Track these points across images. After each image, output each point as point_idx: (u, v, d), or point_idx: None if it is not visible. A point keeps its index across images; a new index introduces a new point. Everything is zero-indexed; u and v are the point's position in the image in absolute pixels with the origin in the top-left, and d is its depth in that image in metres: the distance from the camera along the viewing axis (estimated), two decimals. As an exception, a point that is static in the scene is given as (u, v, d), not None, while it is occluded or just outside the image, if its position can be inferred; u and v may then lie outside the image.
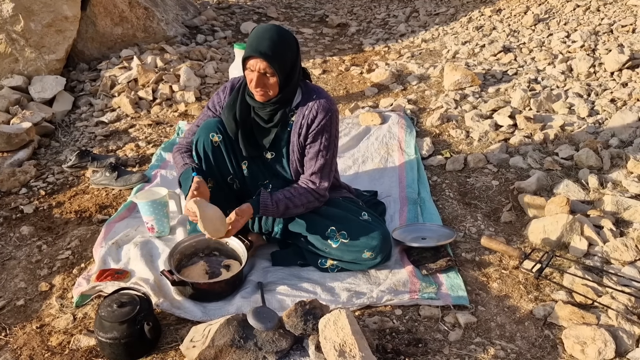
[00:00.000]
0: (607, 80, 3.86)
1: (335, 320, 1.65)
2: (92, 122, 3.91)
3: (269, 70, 1.93)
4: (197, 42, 5.47)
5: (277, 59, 1.93)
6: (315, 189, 2.16)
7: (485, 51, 4.82)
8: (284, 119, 2.13)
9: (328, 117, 2.09)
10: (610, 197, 2.48)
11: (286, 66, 1.98)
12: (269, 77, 1.97)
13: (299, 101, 2.14)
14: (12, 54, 4.16)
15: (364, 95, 4.23)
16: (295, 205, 2.12)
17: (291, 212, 2.14)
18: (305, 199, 2.14)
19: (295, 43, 2.03)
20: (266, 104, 2.08)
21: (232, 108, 2.14)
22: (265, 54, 1.90)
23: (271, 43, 1.91)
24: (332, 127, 2.13)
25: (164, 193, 2.48)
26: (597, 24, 4.93)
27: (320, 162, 2.14)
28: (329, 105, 2.10)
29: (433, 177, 2.96)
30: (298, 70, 2.07)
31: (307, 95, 2.14)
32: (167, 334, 1.92)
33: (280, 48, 1.94)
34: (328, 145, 2.13)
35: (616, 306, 1.88)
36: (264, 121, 2.13)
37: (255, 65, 1.93)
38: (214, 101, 2.26)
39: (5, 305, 2.16)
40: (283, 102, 2.09)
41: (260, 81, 1.96)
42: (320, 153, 2.13)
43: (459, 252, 2.32)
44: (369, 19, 6.65)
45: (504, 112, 3.47)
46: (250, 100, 2.11)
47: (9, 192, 3.06)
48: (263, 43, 1.91)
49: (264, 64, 1.92)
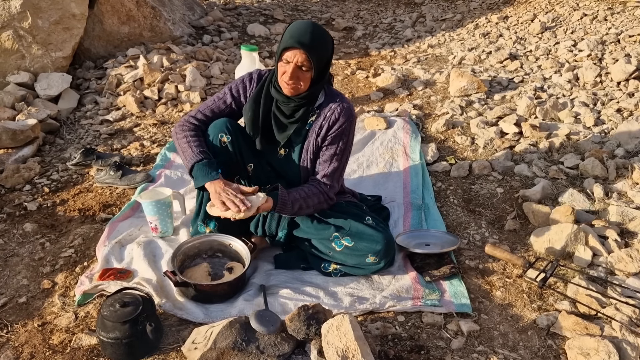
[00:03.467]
0: (614, 89, 3.85)
1: (339, 326, 1.65)
2: (97, 120, 3.91)
3: (306, 63, 1.94)
4: (204, 43, 5.47)
5: (316, 53, 1.93)
6: (327, 191, 2.16)
7: (491, 58, 4.82)
8: (304, 117, 2.13)
9: (349, 122, 2.11)
10: (616, 207, 2.48)
11: (322, 62, 1.99)
12: (304, 72, 1.97)
13: (321, 102, 2.14)
14: (19, 51, 4.16)
15: (370, 99, 4.23)
16: (307, 206, 2.13)
17: (302, 212, 2.14)
18: (317, 200, 2.14)
19: (332, 42, 2.04)
20: (291, 99, 2.07)
21: (256, 99, 2.13)
22: (307, 45, 1.90)
23: (312, 37, 1.92)
24: (350, 133, 2.15)
25: (168, 193, 2.47)
26: (604, 33, 4.92)
27: (334, 165, 2.15)
28: (350, 111, 2.12)
29: (437, 183, 2.95)
30: (329, 69, 2.09)
31: (330, 98, 2.14)
32: (169, 335, 1.91)
33: (320, 43, 1.95)
34: (344, 150, 2.15)
35: (620, 317, 1.87)
36: (285, 116, 2.13)
37: (294, 57, 1.93)
38: (238, 89, 2.20)
39: (7, 302, 2.15)
40: (309, 99, 2.09)
41: (294, 74, 1.96)
42: (335, 157, 2.14)
43: (463, 259, 2.31)
44: (375, 23, 6.65)
45: (509, 120, 3.46)
46: (275, 93, 2.09)
47: (13, 189, 3.06)
48: (305, 36, 1.91)
49: (304, 56, 1.92)
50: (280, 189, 2.08)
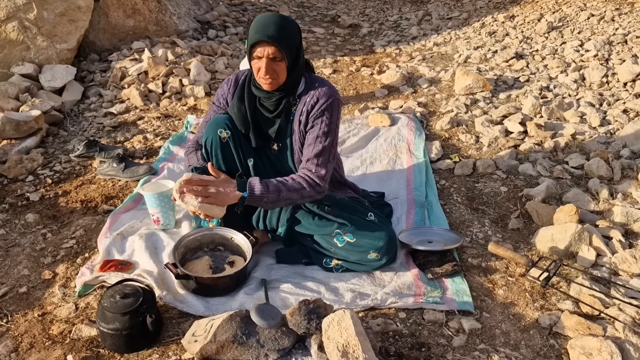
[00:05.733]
0: (620, 90, 3.83)
1: (340, 321, 1.63)
2: (101, 113, 3.91)
3: (278, 54, 1.93)
4: (209, 37, 5.46)
5: (284, 41, 1.92)
6: (311, 175, 2.06)
7: (497, 57, 4.79)
8: (287, 109, 2.12)
9: (329, 102, 2.06)
10: (620, 208, 2.46)
11: (292, 50, 1.98)
12: (278, 62, 1.95)
13: (301, 91, 2.13)
14: (24, 42, 4.16)
15: (374, 96, 4.22)
16: (288, 189, 2.01)
17: (284, 196, 2.01)
18: (299, 185, 2.03)
19: (297, 27, 2.03)
20: (272, 94, 2.07)
21: (241, 98, 2.13)
22: (273, 37, 1.89)
23: (277, 27, 1.91)
24: (332, 112, 2.07)
25: (170, 186, 2.47)
26: (611, 33, 4.89)
27: (318, 147, 2.06)
28: (330, 92, 2.08)
29: (441, 181, 2.94)
30: (302, 55, 2.07)
31: (309, 85, 2.13)
32: (169, 327, 1.91)
33: (286, 31, 1.93)
34: (328, 131, 2.07)
35: (623, 318, 1.86)
36: (269, 111, 2.12)
37: (264, 51, 1.92)
38: (218, 95, 2.26)
39: (8, 292, 2.15)
40: (288, 90, 2.08)
41: (269, 67, 1.95)
42: (318, 139, 2.07)
43: (465, 257, 2.29)
44: (381, 20, 6.63)
45: (514, 119, 3.44)
46: (256, 91, 2.10)
47: (16, 179, 3.06)
48: (269, 28, 1.91)
49: (273, 48, 1.91)
50: (251, 179, 2.00)
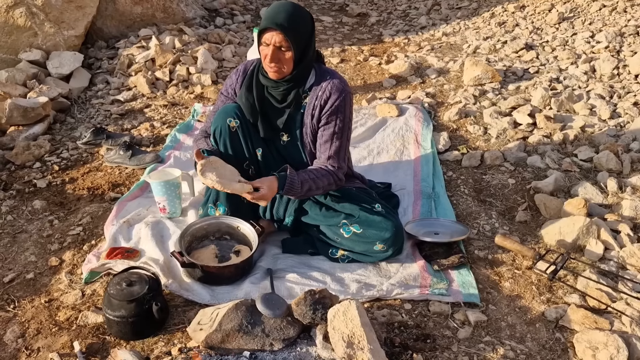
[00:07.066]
0: (631, 83, 3.78)
1: (345, 311, 1.63)
2: (108, 100, 3.90)
3: (284, 43, 1.91)
4: (216, 25, 5.43)
5: (292, 31, 1.91)
6: (335, 171, 2.12)
7: (507, 47, 4.74)
8: (297, 100, 2.10)
9: (342, 98, 2.06)
10: (629, 201, 2.43)
11: (301, 41, 1.96)
12: (284, 52, 1.94)
13: (312, 82, 2.12)
14: (32, 28, 4.15)
15: (382, 86, 4.19)
16: (317, 187, 2.09)
17: (311, 193, 2.11)
18: (327, 181, 2.10)
19: (310, 18, 2.01)
20: (280, 83, 2.05)
21: (249, 87, 2.12)
22: (282, 25, 1.88)
23: (287, 15, 1.90)
24: (345, 108, 2.09)
25: (177, 174, 2.47)
26: (623, 25, 4.83)
27: (335, 144, 2.11)
28: (342, 86, 2.07)
29: (448, 172, 2.92)
30: (313, 47, 2.05)
31: (320, 77, 2.11)
32: (175, 315, 1.91)
33: (296, 21, 1.92)
34: (342, 127, 2.10)
35: (630, 312, 1.85)
36: (277, 101, 2.11)
37: (271, 39, 1.91)
38: (226, 85, 2.25)
39: (15, 278, 2.17)
40: (297, 81, 2.07)
41: (275, 56, 1.94)
42: (335, 135, 2.10)
43: (472, 249, 2.28)
44: (390, 9, 6.57)
45: (523, 110, 3.41)
46: (264, 80, 2.09)
47: (23, 166, 3.07)
48: (279, 15, 1.89)
49: (280, 37, 1.90)
50: (289, 170, 2.06)
